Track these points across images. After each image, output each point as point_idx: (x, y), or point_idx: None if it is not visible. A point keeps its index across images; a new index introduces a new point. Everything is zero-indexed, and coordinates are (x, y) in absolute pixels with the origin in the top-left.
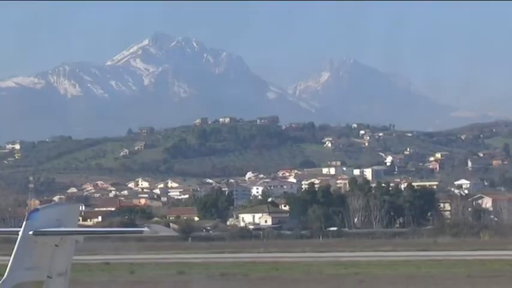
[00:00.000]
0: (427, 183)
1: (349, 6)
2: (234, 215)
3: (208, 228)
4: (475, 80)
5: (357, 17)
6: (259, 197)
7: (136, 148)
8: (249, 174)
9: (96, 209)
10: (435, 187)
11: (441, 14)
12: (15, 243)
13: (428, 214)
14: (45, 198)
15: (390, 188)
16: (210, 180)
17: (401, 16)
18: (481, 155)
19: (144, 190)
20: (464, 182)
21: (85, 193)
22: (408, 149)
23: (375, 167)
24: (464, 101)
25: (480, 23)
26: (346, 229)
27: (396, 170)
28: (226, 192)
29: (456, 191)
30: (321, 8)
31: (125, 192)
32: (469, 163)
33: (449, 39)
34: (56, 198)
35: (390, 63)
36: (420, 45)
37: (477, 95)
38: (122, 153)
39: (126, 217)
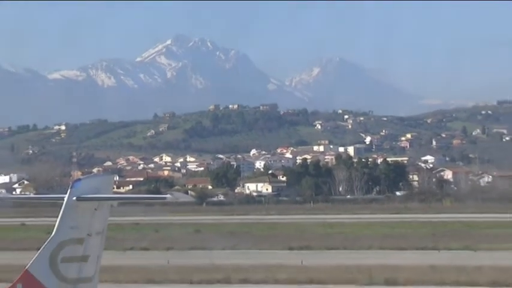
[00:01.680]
0: (399, 159)
1: (335, 11)
2: (241, 184)
3: (220, 195)
4: (439, 74)
5: (342, 19)
6: (262, 169)
7: (160, 129)
8: (253, 151)
9: (128, 179)
10: (405, 162)
11: (416, 17)
12: (61, 207)
13: (400, 184)
14: (85, 170)
15: (369, 163)
16: (221, 156)
17: (381, 20)
18: (444, 135)
19: (167, 163)
20: (430, 158)
21: (118, 166)
22: (384, 131)
23: (357, 145)
24: (430, 91)
25: (444, 25)
26: (333, 196)
27: (374, 147)
28: (235, 165)
29: (423, 165)
30: (311, 14)
31: (151, 165)
32: (434, 142)
33: (419, 39)
34: (94, 170)
35: (370, 60)
36: (396, 45)
37: (441, 86)
38: (149, 134)
39: (152, 186)
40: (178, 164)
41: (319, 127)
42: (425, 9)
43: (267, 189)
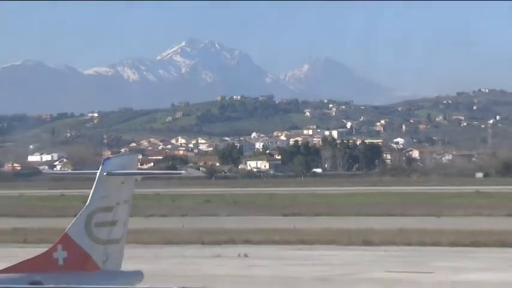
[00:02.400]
0: (375, 141)
1: (321, 15)
2: (243, 162)
3: (226, 170)
4: (408, 70)
5: (328, 23)
6: (260, 149)
7: (176, 116)
8: (253, 134)
9: (149, 158)
10: (380, 143)
11: (390, 21)
12: (94, 181)
13: (376, 161)
14: (114, 150)
15: (349, 144)
16: (227, 138)
17: (360, 23)
18: (412, 121)
19: (182, 145)
20: (400, 140)
21: (141, 147)
22: (362, 117)
23: (339, 129)
24: (401, 85)
25: (414, 27)
26: (321, 172)
27: (354, 131)
28: (238, 146)
29: (394, 146)
30: (302, 17)
31: (169, 146)
32: (403, 127)
33: (392, 40)
34: (122, 150)
35: (351, 58)
36: (373, 45)
37: (410, 80)
38: (167, 120)
39: (170, 163)
40: (191, 145)
41: (308, 114)
42: (399, 13)
43: (265, 166)
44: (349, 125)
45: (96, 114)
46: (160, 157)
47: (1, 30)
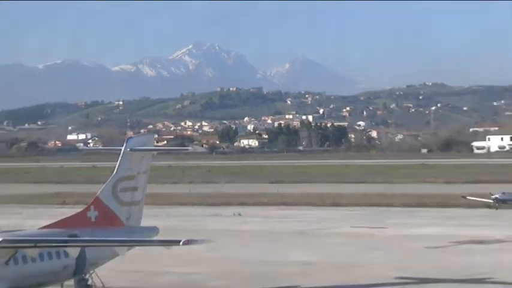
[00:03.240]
0: (342, 124)
1: (299, 21)
2: (238, 140)
3: (224, 147)
4: (369, 66)
5: (304, 26)
6: (251, 130)
7: (185, 104)
8: (246, 118)
9: (163, 137)
10: (346, 126)
11: (356, 21)
12: (119, 155)
13: (342, 140)
14: (135, 131)
15: (322, 126)
16: (225, 121)
17: (332, 26)
18: (371, 108)
19: (189, 127)
20: (362, 123)
21: (157, 128)
22: (331, 105)
23: (314, 115)
24: (363, 78)
25: (374, 27)
26: (300, 148)
27: (325, 116)
28: (234, 128)
29: (357, 128)
30: (286, 23)
31: (179, 127)
32: (364, 113)
33: (357, 40)
34: (141, 131)
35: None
36: (341, 46)
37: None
38: (177, 107)
39: (179, 141)
40: (196, 127)
41: (289, 102)
42: (364, 19)
43: (255, 144)
44: (321, 111)
45: (121, 102)
46: (172, 136)
47: (43, 34)
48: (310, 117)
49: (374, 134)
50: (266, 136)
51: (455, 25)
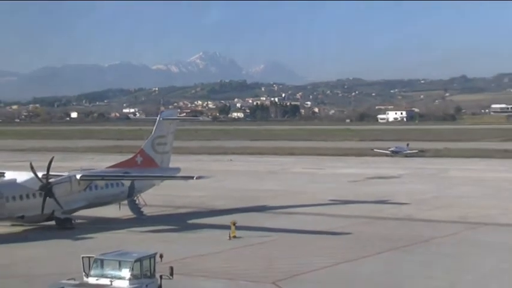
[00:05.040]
0: (296, 103)
1: (271, 32)
2: (231, 113)
3: (222, 117)
4: (315, 64)
5: (271, 37)
6: (239, 107)
7: (197, 90)
8: (236, 99)
9: (183, 111)
10: (298, 104)
11: (305, 27)
12: (155, 122)
13: (296, 114)
14: (165, 107)
15: (283, 105)
16: (223, 101)
17: (295, 37)
18: (315, 93)
19: (199, 104)
20: (308, 103)
21: (179, 105)
22: (289, 92)
23: (278, 98)
24: (311, 73)
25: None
26: (270, 119)
27: (285, 98)
28: (228, 105)
29: (306, 106)
30: (267, 34)
31: (193, 105)
32: (310, 96)
33: (307, 45)
34: (169, 107)
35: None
36: (297, 51)
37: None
38: (192, 92)
39: (194, 114)
40: (204, 105)
41: (263, 90)
42: (315, 22)
43: (242, 115)
44: (283, 95)
45: (156, 89)
46: (189, 111)
47: (106, 39)
48: (276, 99)
49: (316, 110)
50: (248, 111)
51: (373, 37)
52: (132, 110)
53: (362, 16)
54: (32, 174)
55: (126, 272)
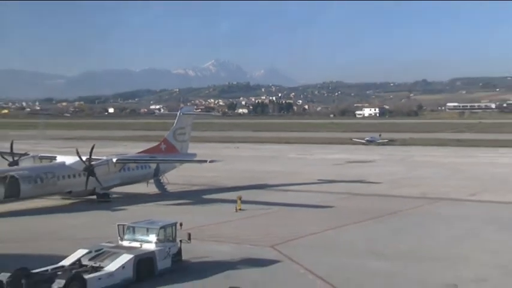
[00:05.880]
0: (290, 101)
1: (270, 42)
2: (237, 110)
3: (230, 113)
4: (305, 69)
5: (272, 48)
6: (244, 104)
7: (210, 90)
8: (241, 98)
9: (199, 107)
10: (291, 102)
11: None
12: (176, 116)
13: (290, 110)
14: (185, 104)
15: (280, 102)
16: (231, 99)
17: (293, 47)
18: (305, 93)
19: (212, 102)
20: (300, 101)
21: (196, 103)
22: (284, 92)
23: (275, 97)
24: (303, 77)
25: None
26: (268, 114)
27: (281, 97)
28: (235, 103)
29: (298, 104)
30: (264, 43)
31: (207, 103)
32: (301, 96)
33: (300, 53)
34: (188, 104)
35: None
36: (291, 59)
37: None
38: (206, 92)
39: (207, 110)
40: (216, 102)
41: (263, 90)
42: (303, 28)
43: (246, 111)
44: (279, 95)
45: (177, 90)
46: (203, 107)
47: (131, 48)
48: (274, 98)
49: (306, 107)
50: (251, 107)
51: (353, 49)
52: (157, 107)
53: (345, 32)
54: (77, 158)
55: (153, 237)
